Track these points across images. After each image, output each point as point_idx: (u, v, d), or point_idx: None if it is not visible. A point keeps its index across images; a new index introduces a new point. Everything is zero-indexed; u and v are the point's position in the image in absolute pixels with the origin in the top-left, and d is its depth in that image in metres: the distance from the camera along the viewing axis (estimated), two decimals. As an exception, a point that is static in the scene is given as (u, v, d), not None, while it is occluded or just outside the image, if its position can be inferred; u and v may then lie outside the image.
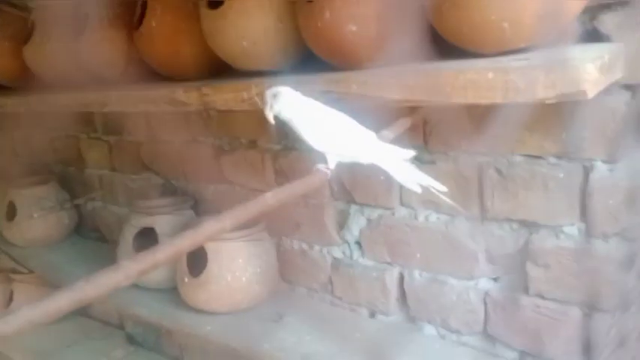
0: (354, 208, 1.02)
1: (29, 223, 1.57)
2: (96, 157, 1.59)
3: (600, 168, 0.73)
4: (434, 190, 0.60)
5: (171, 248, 0.39)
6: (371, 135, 0.61)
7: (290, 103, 0.62)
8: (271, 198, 0.48)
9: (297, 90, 0.64)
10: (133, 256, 0.37)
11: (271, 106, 0.62)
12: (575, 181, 0.75)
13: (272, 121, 0.63)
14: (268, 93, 0.63)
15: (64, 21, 1.19)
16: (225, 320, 1.04)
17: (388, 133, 0.66)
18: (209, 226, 0.42)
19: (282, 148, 1.09)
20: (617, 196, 0.72)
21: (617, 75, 0.62)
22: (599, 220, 0.74)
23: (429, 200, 0.90)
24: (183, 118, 1.26)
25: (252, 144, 1.15)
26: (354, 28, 0.69)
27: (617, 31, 0.67)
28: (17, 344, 1.56)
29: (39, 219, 1.56)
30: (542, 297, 0.81)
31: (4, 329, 0.34)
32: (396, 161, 0.59)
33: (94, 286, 0.36)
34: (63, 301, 0.35)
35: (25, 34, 1.22)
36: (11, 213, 1.59)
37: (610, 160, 0.72)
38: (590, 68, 0.52)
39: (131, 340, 1.57)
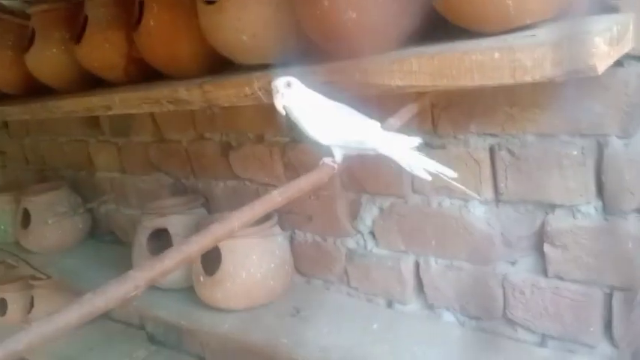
0: (365, 197, 1.00)
1: (44, 230, 1.58)
2: (105, 160, 1.59)
3: (615, 143, 0.71)
4: (443, 177, 0.58)
5: (179, 255, 0.38)
6: (376, 125, 0.60)
7: (297, 94, 0.61)
8: (278, 196, 0.47)
9: (301, 82, 0.63)
10: (141, 265, 0.36)
11: (283, 96, 0.61)
12: (589, 158, 0.73)
13: (283, 111, 0.61)
14: (279, 82, 0.61)
15: (63, 25, 1.18)
16: (242, 317, 1.03)
17: (395, 120, 0.65)
18: (216, 229, 0.41)
19: (289, 141, 1.08)
20: (634, 172, 0.70)
21: (628, 47, 0.60)
22: (616, 196, 0.73)
23: (441, 186, 0.88)
24: (188, 115, 1.26)
25: (260, 138, 1.14)
26: (353, 15, 0.67)
27: (624, 0, 0.65)
28: (41, 349, 1.58)
29: (53, 225, 1.57)
30: (562, 278, 0.80)
31: (16, 347, 0.33)
32: (402, 150, 0.58)
33: (103, 298, 0.36)
34: (72, 315, 0.35)
35: (25, 42, 1.22)
36: (26, 220, 1.60)
37: (625, 135, 0.70)
38: (599, 42, 0.50)
39: (153, 340, 1.58)
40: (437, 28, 0.70)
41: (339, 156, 0.59)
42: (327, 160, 0.59)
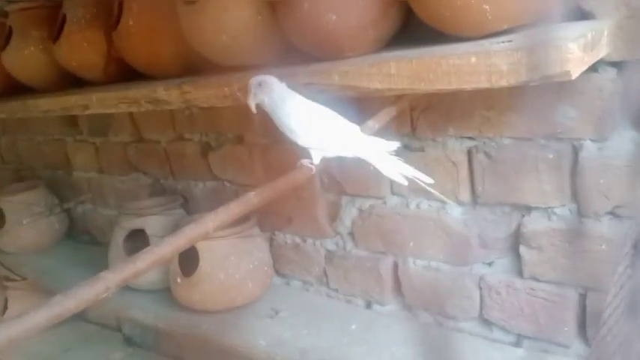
0: (345, 199, 1.01)
1: (19, 230, 1.55)
2: (83, 160, 1.57)
3: (589, 147, 0.72)
4: (420, 182, 0.59)
5: (151, 256, 0.38)
6: (354, 128, 0.60)
7: (274, 93, 0.61)
8: (255, 197, 0.47)
9: (282, 82, 0.63)
10: (112, 267, 0.36)
11: (254, 95, 0.61)
12: (565, 161, 0.75)
13: (254, 110, 0.62)
14: (252, 81, 0.62)
15: (41, 24, 1.17)
16: (220, 318, 1.03)
17: (373, 123, 0.65)
18: (191, 230, 0.41)
19: (270, 142, 1.08)
20: (608, 175, 0.71)
21: (602, 53, 0.61)
22: (591, 199, 0.74)
23: (419, 188, 0.89)
24: (168, 115, 1.25)
25: (239, 139, 1.13)
26: (333, 18, 0.67)
27: (600, 7, 0.66)
28: (14, 350, 1.55)
29: (29, 225, 1.54)
30: (537, 279, 0.81)
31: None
32: (380, 154, 0.58)
33: (74, 300, 0.35)
34: (41, 316, 0.34)
35: (2, 40, 1.20)
36: (0, 220, 1.57)
37: (599, 139, 0.71)
38: (573, 48, 0.51)
39: (129, 341, 1.56)
40: (416, 31, 0.71)
41: (317, 158, 0.59)
42: (305, 161, 0.59)
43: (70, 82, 1.18)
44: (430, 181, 0.58)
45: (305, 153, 0.60)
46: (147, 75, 1.00)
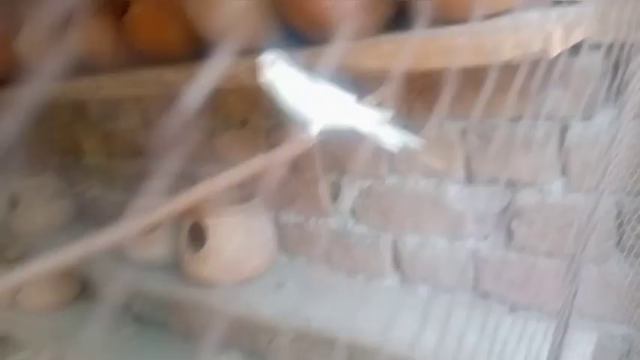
0: (346, 179, 1.05)
1: (31, 213, 1.60)
2: (92, 145, 1.62)
3: (576, 126, 0.76)
4: (413, 146, 0.62)
5: (166, 209, 0.41)
6: (350, 98, 0.63)
7: (281, 71, 0.64)
8: (257, 162, 0.51)
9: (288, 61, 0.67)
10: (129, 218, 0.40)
11: (265, 73, 0.64)
12: (553, 139, 0.79)
13: (264, 84, 0.65)
14: (265, 59, 0.65)
15: (51, 13, 1.20)
16: (227, 292, 1.07)
17: (369, 102, 0.69)
18: (201, 187, 0.45)
19: (274, 125, 1.12)
20: (594, 151, 0.75)
21: (583, 34, 0.65)
22: (579, 175, 0.78)
23: (417, 166, 0.93)
24: (174, 101, 1.28)
25: (244, 123, 1.17)
26: (332, 3, 0.71)
27: (585, -10, 0.70)
28: (27, 328, 1.60)
29: (40, 209, 1.59)
30: (529, 252, 0.85)
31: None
32: (373, 122, 0.62)
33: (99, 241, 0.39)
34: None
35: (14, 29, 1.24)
36: (13, 204, 1.62)
37: (585, 118, 0.75)
38: (554, 28, 0.55)
39: (139, 318, 1.61)
40: (411, 16, 0.74)
41: (314, 130, 0.62)
42: (301, 133, 0.62)
43: (79, 69, 1.20)
44: (422, 144, 0.61)
45: (303, 126, 0.64)
46: (155, 61, 1.04)
